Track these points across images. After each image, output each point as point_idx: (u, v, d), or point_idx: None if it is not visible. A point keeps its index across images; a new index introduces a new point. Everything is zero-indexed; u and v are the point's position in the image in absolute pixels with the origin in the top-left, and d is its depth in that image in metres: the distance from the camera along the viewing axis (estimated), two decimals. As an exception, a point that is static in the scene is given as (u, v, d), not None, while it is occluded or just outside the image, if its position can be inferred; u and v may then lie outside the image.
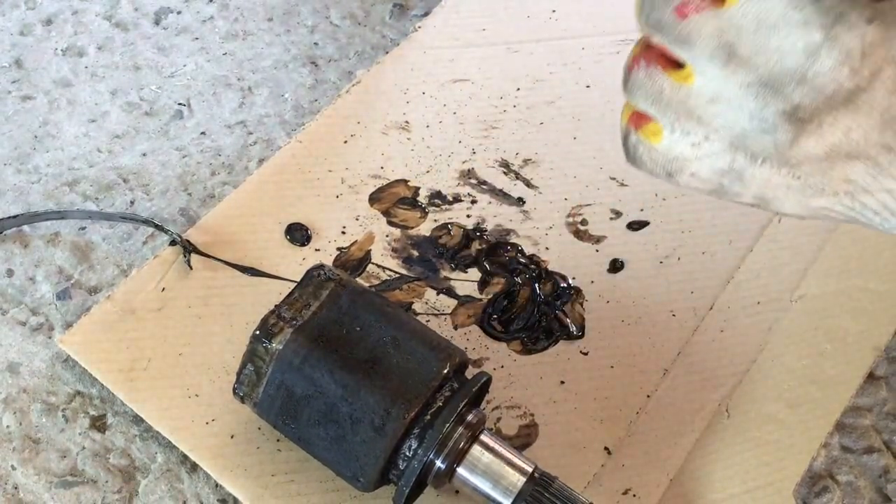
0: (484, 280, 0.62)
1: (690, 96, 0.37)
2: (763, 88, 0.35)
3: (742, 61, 0.35)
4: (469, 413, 0.49)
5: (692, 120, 0.37)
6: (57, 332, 0.59)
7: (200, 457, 0.53)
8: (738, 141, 0.37)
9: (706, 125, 0.37)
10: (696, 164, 0.38)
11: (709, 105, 0.37)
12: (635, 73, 0.38)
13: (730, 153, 0.38)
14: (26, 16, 0.76)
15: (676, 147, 0.38)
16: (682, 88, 0.37)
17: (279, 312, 0.49)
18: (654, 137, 0.39)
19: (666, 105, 0.38)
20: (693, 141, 0.38)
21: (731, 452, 0.55)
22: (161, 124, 0.70)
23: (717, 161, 0.38)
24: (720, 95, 0.36)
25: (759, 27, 0.34)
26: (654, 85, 0.38)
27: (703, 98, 0.37)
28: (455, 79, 0.72)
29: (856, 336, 0.60)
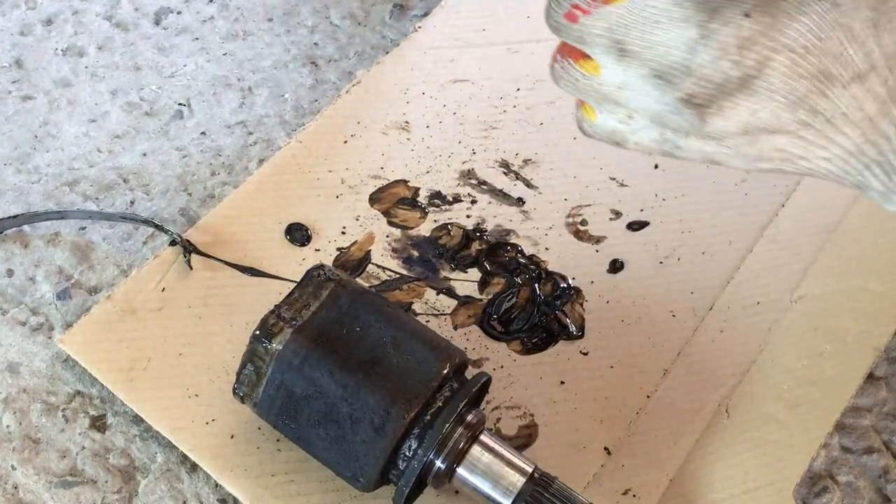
0: (484, 280, 0.62)
1: (602, 84, 0.39)
2: (658, 80, 0.37)
3: (634, 55, 0.37)
4: (469, 413, 0.49)
5: (611, 103, 0.40)
6: (57, 332, 0.59)
7: (200, 457, 0.53)
8: (658, 119, 0.39)
9: (624, 106, 0.40)
10: (633, 136, 0.41)
11: (619, 91, 0.39)
12: (554, 65, 0.41)
13: (656, 128, 0.40)
14: (26, 16, 0.76)
15: (609, 123, 0.41)
16: (593, 78, 0.39)
17: (279, 312, 0.49)
18: (591, 115, 0.42)
19: (584, 92, 0.40)
20: (619, 119, 0.40)
21: (730, 453, 0.55)
22: (161, 124, 0.70)
23: (649, 133, 0.40)
24: (625, 84, 0.39)
25: (645, 23, 0.36)
26: (569, 76, 0.40)
27: (613, 86, 0.39)
28: (455, 79, 0.72)
29: (856, 336, 0.60)
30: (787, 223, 0.65)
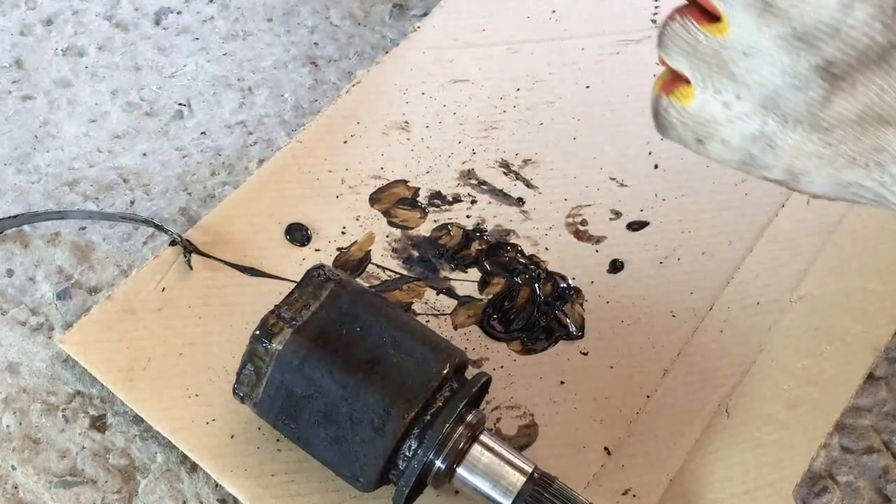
0: (484, 280, 0.62)
1: (725, 47, 0.37)
2: (797, 41, 0.35)
3: (778, 12, 0.35)
4: (469, 413, 0.49)
5: (725, 75, 0.37)
6: (57, 332, 0.59)
7: (200, 457, 0.53)
8: (770, 101, 0.37)
9: (739, 81, 0.37)
10: (728, 127, 0.38)
11: (743, 58, 0.36)
12: (671, 25, 0.38)
13: (761, 114, 0.37)
14: (27, 16, 0.76)
15: (708, 107, 0.38)
16: (716, 39, 0.37)
17: (279, 312, 0.49)
18: (685, 99, 0.39)
19: (700, 57, 0.37)
20: (725, 100, 0.38)
21: (730, 453, 0.55)
22: (161, 124, 0.70)
23: (749, 124, 0.38)
24: (754, 48, 0.36)
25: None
26: (689, 36, 0.37)
27: (738, 50, 0.36)
28: (455, 79, 0.72)
29: (855, 336, 0.60)
30: (787, 223, 0.65)
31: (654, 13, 0.77)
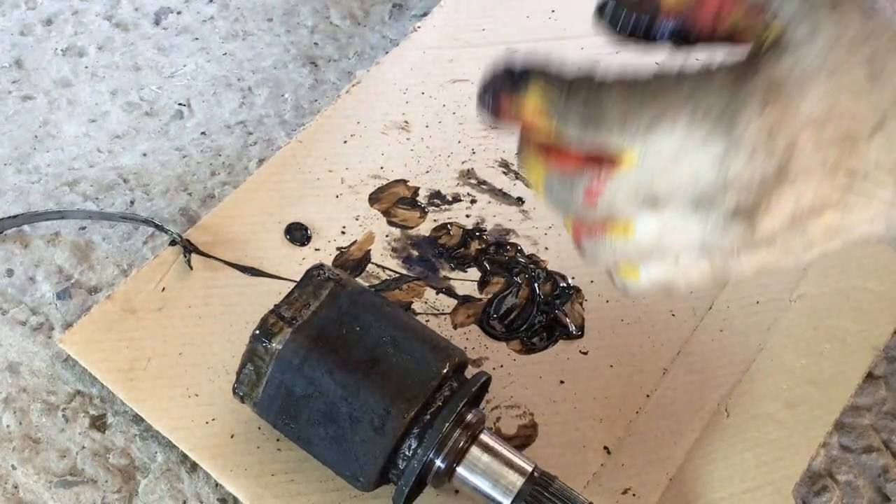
0: (483, 280, 0.62)
1: (640, 243, 0.38)
2: (698, 208, 0.36)
3: (667, 199, 0.36)
4: (469, 413, 0.49)
5: (654, 256, 0.39)
6: (57, 331, 0.59)
7: (200, 456, 0.53)
8: (705, 248, 0.38)
9: (668, 252, 0.38)
10: (684, 276, 0.39)
11: (659, 241, 0.38)
12: (584, 245, 0.40)
13: (705, 259, 0.38)
14: (26, 16, 0.76)
15: (655, 275, 0.39)
16: (629, 241, 0.38)
17: (279, 312, 0.49)
18: (632, 274, 0.40)
19: (623, 256, 0.39)
20: (666, 265, 0.39)
21: (730, 452, 0.55)
22: (161, 124, 0.70)
23: (699, 267, 0.39)
24: (664, 230, 0.37)
25: (667, 167, 0.36)
26: (605, 250, 0.39)
27: (652, 239, 0.38)
28: (454, 79, 0.72)
29: (855, 336, 0.60)
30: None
31: (654, 13, 0.77)
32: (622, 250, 0.39)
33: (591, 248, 0.40)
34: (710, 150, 0.35)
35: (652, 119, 0.35)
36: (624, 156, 0.36)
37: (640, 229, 0.38)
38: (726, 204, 0.36)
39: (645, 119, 0.35)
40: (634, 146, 0.36)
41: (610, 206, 0.37)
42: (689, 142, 0.35)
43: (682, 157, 0.35)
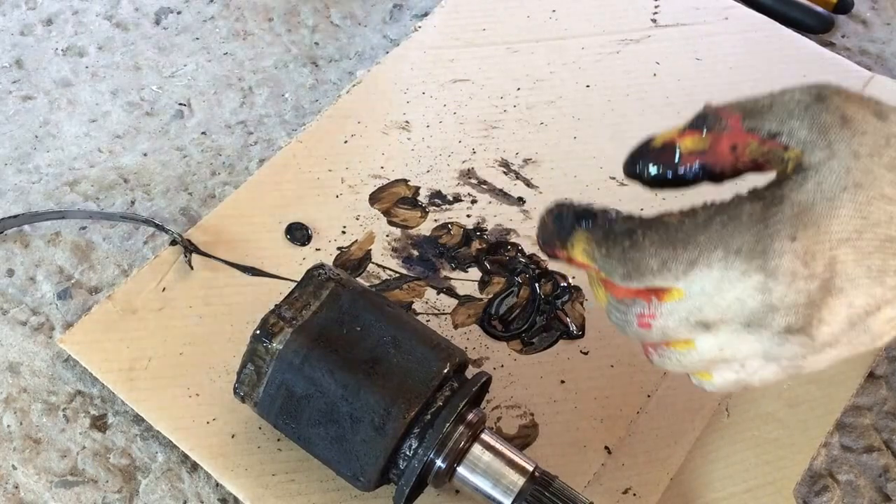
0: (484, 279, 0.62)
1: (702, 354, 0.40)
2: (750, 328, 0.38)
3: (719, 322, 0.38)
4: (469, 412, 0.49)
5: (719, 363, 0.40)
6: (57, 331, 0.59)
7: (201, 456, 0.53)
8: (769, 356, 0.39)
9: (733, 360, 0.40)
10: (755, 376, 0.40)
11: (720, 352, 0.39)
12: (653, 359, 0.42)
13: (772, 363, 0.39)
14: (27, 16, 0.76)
15: (727, 377, 0.41)
16: (692, 353, 0.40)
17: (279, 312, 0.49)
18: (706, 377, 0.42)
19: (690, 367, 0.41)
20: (734, 370, 0.40)
21: (731, 451, 0.55)
22: (162, 124, 0.70)
23: (769, 370, 0.40)
24: (723, 344, 0.39)
25: (712, 298, 0.37)
26: (671, 361, 0.41)
27: (713, 352, 0.39)
28: (455, 79, 0.72)
29: (856, 335, 0.60)
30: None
31: (654, 13, 0.77)
32: (689, 361, 0.40)
33: (658, 360, 0.42)
34: (749, 280, 0.36)
35: (688, 264, 0.37)
36: (671, 289, 0.38)
37: (700, 346, 0.39)
38: (777, 324, 0.37)
39: (682, 265, 0.37)
40: (678, 285, 0.38)
41: (664, 331, 0.39)
42: (729, 276, 0.37)
43: (725, 289, 0.37)
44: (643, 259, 0.38)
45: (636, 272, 0.38)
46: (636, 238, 0.38)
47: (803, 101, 0.38)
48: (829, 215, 0.36)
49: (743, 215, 0.37)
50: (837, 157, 0.37)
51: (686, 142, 0.39)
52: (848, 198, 0.36)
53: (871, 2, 0.82)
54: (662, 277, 0.38)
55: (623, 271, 0.39)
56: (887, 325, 0.38)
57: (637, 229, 0.38)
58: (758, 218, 0.37)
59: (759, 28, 0.76)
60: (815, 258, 0.36)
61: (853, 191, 0.36)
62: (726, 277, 0.37)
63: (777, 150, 0.38)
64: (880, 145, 0.37)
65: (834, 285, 0.36)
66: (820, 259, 0.36)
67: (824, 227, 0.36)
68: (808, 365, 0.39)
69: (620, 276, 0.39)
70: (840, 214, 0.36)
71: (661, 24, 0.76)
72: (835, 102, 0.38)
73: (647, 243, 0.38)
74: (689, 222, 0.38)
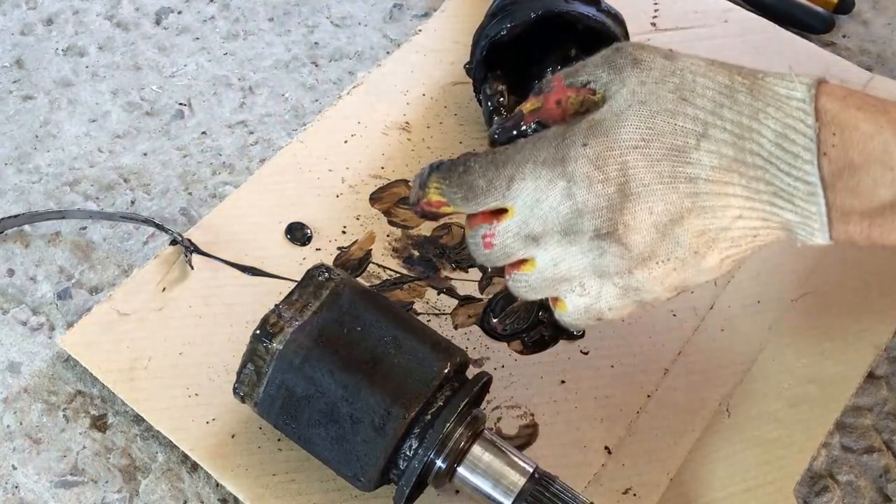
0: (484, 280, 0.62)
1: (544, 273, 0.45)
2: (566, 237, 0.43)
3: (543, 234, 0.44)
4: (469, 413, 0.49)
5: (562, 282, 0.45)
6: (58, 331, 0.59)
7: (201, 456, 0.53)
8: (599, 271, 0.44)
9: (572, 278, 0.45)
10: (601, 303, 0.45)
11: (557, 268, 0.45)
12: (509, 284, 0.48)
13: (607, 282, 0.44)
14: (27, 15, 0.76)
15: (576, 302, 0.46)
16: (535, 272, 0.46)
17: (279, 312, 0.49)
18: (561, 307, 0.47)
19: (540, 287, 0.46)
20: (578, 292, 0.45)
21: (731, 451, 0.55)
22: (162, 124, 0.70)
23: (608, 291, 0.45)
24: (555, 258, 0.44)
25: (532, 208, 0.43)
26: (522, 283, 0.47)
27: (550, 267, 0.45)
28: (455, 81, 0.72)
29: (856, 335, 0.60)
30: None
31: (654, 17, 0.77)
32: (536, 282, 0.46)
33: (514, 285, 0.47)
34: (556, 187, 0.43)
35: (508, 178, 0.44)
36: (504, 210, 0.45)
37: (539, 262, 0.45)
38: (588, 228, 0.43)
39: (504, 181, 0.44)
40: (507, 202, 0.44)
41: (504, 248, 0.45)
42: (539, 185, 0.43)
43: (541, 199, 0.43)
44: (474, 181, 0.44)
45: (471, 193, 0.45)
46: (469, 164, 0.45)
47: (605, 55, 0.45)
48: (617, 125, 0.42)
49: (549, 134, 0.44)
50: (627, 86, 0.43)
51: (527, 106, 0.47)
52: (633, 112, 0.42)
53: (871, 2, 0.82)
54: (492, 196, 0.44)
55: (461, 195, 0.45)
56: (701, 240, 0.42)
57: (470, 159, 0.45)
58: (559, 134, 0.43)
59: (759, 30, 0.76)
60: (607, 163, 0.42)
61: (638, 107, 0.42)
62: (538, 187, 0.43)
63: (589, 96, 0.44)
64: (665, 75, 0.43)
65: (630, 189, 0.42)
66: (612, 164, 0.42)
67: (613, 136, 0.42)
68: (644, 288, 0.44)
69: (460, 200, 0.45)
70: (627, 125, 0.42)
71: (661, 28, 0.76)
72: (628, 50, 0.44)
73: (476, 167, 0.44)
74: (511, 148, 0.44)
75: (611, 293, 0.45)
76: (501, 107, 0.64)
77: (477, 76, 0.66)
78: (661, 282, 0.44)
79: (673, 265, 0.43)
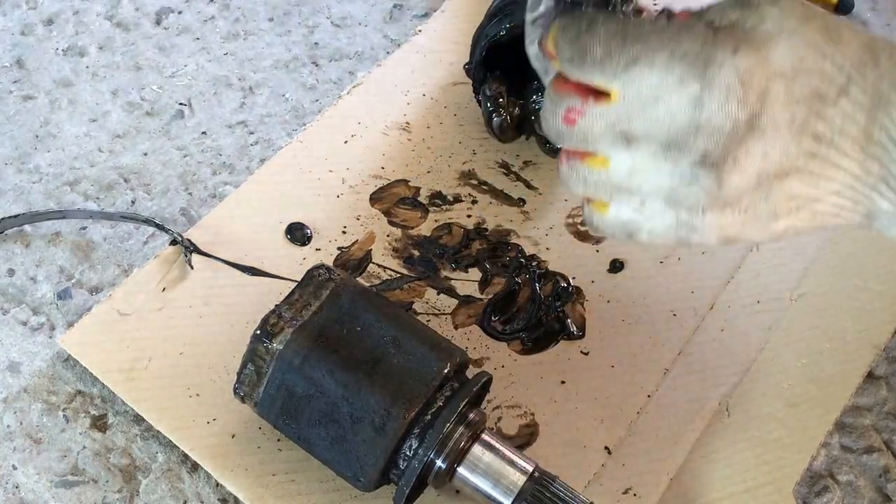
0: (484, 280, 0.62)
1: (612, 176, 0.40)
2: (669, 151, 0.38)
3: (641, 138, 0.38)
4: (470, 413, 0.49)
5: (623, 192, 0.40)
6: (58, 331, 0.59)
7: (201, 456, 0.53)
8: (672, 199, 0.39)
9: (636, 193, 0.40)
10: (647, 223, 0.41)
11: (630, 178, 0.39)
12: (562, 168, 0.42)
13: (671, 210, 0.40)
14: (27, 15, 0.76)
15: (623, 214, 0.41)
16: (602, 172, 0.40)
17: (280, 312, 0.49)
18: (602, 209, 0.42)
19: (595, 188, 0.41)
20: (633, 207, 0.40)
21: (731, 451, 0.55)
22: (162, 124, 0.70)
23: (664, 219, 0.40)
24: (635, 168, 0.39)
25: (644, 106, 0.37)
26: (578, 175, 0.41)
27: (623, 174, 0.39)
28: (455, 81, 0.72)
29: (855, 335, 0.60)
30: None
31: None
32: (595, 181, 0.40)
33: (567, 173, 0.41)
34: (685, 90, 0.37)
35: (631, 59, 0.37)
36: (610, 93, 0.38)
37: (614, 165, 0.39)
38: (696, 149, 0.37)
39: (624, 58, 0.37)
40: (615, 84, 0.38)
41: (587, 134, 0.39)
42: (666, 82, 0.37)
43: (660, 97, 0.37)
44: (591, 44, 0.38)
45: (580, 57, 0.38)
46: (594, 24, 0.38)
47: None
48: (769, 44, 0.37)
49: (697, 28, 0.38)
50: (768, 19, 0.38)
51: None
52: (785, 38, 0.37)
53: (871, 2, 0.82)
54: (603, 71, 0.38)
55: (570, 54, 0.39)
56: (787, 202, 0.39)
57: (600, 18, 0.39)
58: (706, 34, 0.37)
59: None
60: (752, 82, 0.37)
61: (788, 35, 0.37)
62: (664, 84, 0.37)
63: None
64: (809, 16, 0.38)
65: (759, 123, 0.37)
66: (756, 85, 0.37)
67: (764, 53, 0.37)
68: (699, 228, 0.40)
69: (567, 59, 0.39)
70: (780, 47, 0.37)
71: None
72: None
73: (602, 30, 0.38)
74: (650, 25, 0.38)
75: (665, 222, 0.40)
76: (501, 107, 0.64)
77: (476, 76, 0.66)
78: (722, 230, 0.40)
79: (745, 218, 0.39)
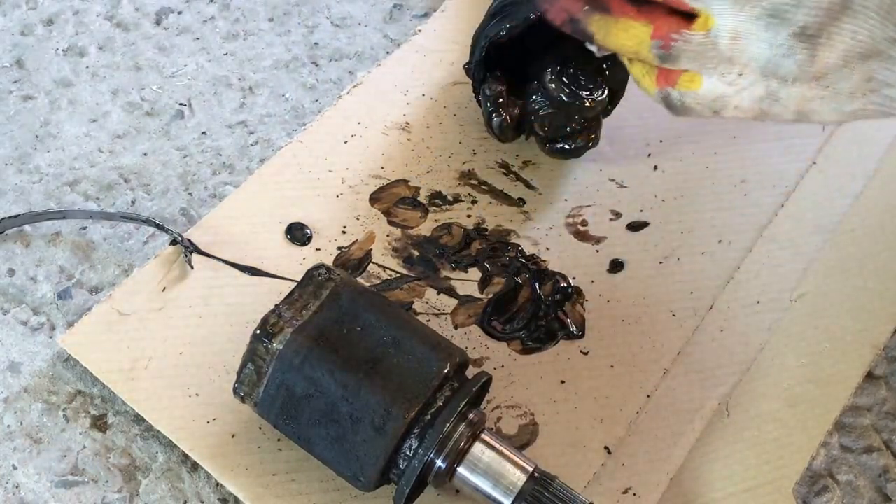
0: (484, 280, 0.62)
1: (717, 38, 0.43)
2: (771, 18, 0.42)
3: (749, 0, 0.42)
4: (469, 412, 0.49)
5: (724, 62, 0.44)
6: (58, 331, 0.59)
7: (201, 456, 0.53)
8: (767, 69, 0.43)
9: (736, 63, 0.44)
10: (737, 97, 0.44)
11: (733, 43, 0.43)
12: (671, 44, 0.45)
13: (763, 81, 0.44)
14: (27, 16, 0.76)
15: (717, 88, 0.45)
16: (707, 35, 0.43)
17: (279, 312, 0.49)
18: (693, 85, 0.45)
19: (701, 55, 0.44)
20: (729, 80, 0.44)
21: (730, 451, 0.55)
22: (162, 124, 0.70)
23: (755, 91, 0.44)
24: (739, 31, 0.43)
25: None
26: (688, 43, 0.44)
27: (727, 37, 0.43)
28: (455, 81, 0.72)
29: (855, 335, 0.60)
30: (787, 223, 0.65)
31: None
32: (700, 46, 0.43)
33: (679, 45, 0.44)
34: None
35: None
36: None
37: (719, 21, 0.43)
38: (796, 21, 0.41)
39: None
40: None
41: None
42: None
43: None
44: None
45: None
46: None
47: None
48: None
49: None
50: None
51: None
52: None
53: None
54: None
55: None
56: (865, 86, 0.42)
57: None
58: None
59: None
60: None
61: None
62: None
63: None
64: None
65: (853, 4, 0.41)
66: None
67: None
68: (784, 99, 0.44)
69: None
70: None
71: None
72: None
73: None
74: None
75: (755, 93, 0.44)
76: (501, 107, 0.64)
77: (476, 76, 0.66)
78: (802, 104, 0.43)
79: (825, 94, 0.43)
